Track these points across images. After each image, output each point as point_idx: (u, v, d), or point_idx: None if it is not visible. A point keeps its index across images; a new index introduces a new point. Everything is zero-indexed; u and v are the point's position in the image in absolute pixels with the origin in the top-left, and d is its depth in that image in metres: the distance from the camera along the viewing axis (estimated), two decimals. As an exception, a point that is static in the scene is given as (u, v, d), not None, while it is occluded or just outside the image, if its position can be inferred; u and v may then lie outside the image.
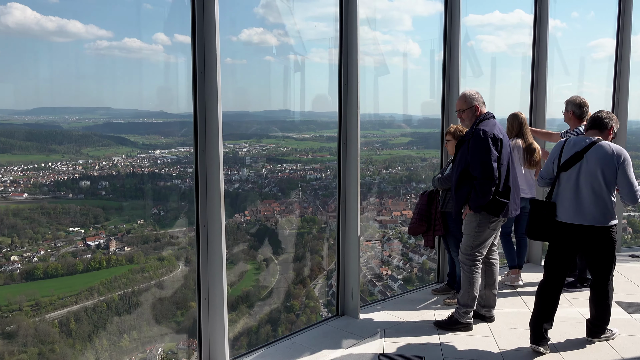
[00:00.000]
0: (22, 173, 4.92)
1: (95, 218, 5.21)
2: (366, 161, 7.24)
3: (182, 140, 5.80)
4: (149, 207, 5.58)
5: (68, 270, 4.81)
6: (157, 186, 5.69)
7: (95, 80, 4.94)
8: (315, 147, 6.96)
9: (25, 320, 4.47)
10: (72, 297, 4.77)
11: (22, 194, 4.83)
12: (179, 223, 5.52)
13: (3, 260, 4.54)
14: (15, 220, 4.75)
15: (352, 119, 4.53)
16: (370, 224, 7.33)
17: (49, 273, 4.72)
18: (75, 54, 4.82)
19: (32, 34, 4.47)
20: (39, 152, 5.07)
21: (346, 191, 4.67)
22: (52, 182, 5.05)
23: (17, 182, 4.84)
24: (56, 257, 4.81)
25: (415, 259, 7.18)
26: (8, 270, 4.55)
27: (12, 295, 4.53)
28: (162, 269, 5.38)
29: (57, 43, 4.63)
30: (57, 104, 5.02)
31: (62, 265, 4.79)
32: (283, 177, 6.75)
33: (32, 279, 4.64)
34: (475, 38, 8.12)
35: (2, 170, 4.85)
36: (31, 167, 4.98)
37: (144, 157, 5.62)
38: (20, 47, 4.58)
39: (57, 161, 5.13)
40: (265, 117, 6.61)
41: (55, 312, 4.62)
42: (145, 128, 5.68)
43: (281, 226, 6.64)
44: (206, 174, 3.57)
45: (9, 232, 4.68)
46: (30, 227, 4.80)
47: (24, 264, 4.63)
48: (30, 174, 4.95)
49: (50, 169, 5.08)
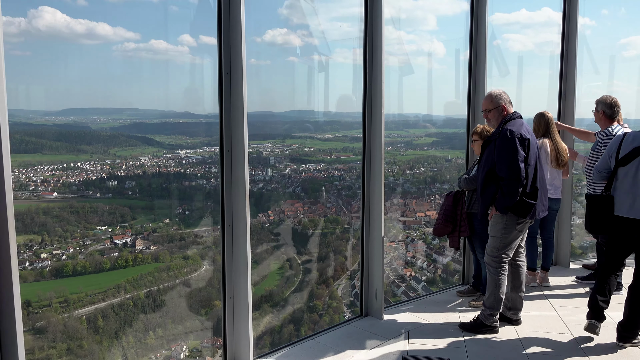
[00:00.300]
0: (52, 172, 5.03)
1: (122, 217, 5.30)
2: (390, 161, 7.20)
3: (206, 141, 5.86)
4: (174, 207, 5.65)
5: (96, 268, 4.90)
6: (182, 186, 5.77)
7: (122, 82, 5.03)
8: (338, 148, 6.96)
9: (55, 317, 4.56)
10: (99, 294, 4.86)
11: (52, 193, 4.94)
12: (204, 222, 5.58)
13: (33, 257, 4.64)
14: (46, 218, 4.86)
15: (377, 119, 4.51)
16: (393, 224, 7.30)
17: (78, 270, 4.81)
18: (103, 55, 4.91)
19: (62, 37, 4.58)
20: (69, 152, 5.18)
21: (370, 191, 4.66)
22: (80, 182, 5.16)
23: (47, 181, 4.95)
24: (84, 255, 4.90)
25: (440, 260, 7.11)
26: (38, 268, 4.65)
27: (42, 291, 4.63)
28: (187, 267, 5.44)
29: (86, 45, 4.73)
30: (86, 105, 5.13)
31: (90, 263, 4.88)
32: (306, 177, 6.76)
33: (61, 276, 4.73)
34: (502, 37, 8.01)
35: (33, 169, 4.97)
36: (61, 166, 5.09)
37: (170, 157, 5.70)
38: (50, 50, 4.69)
39: (86, 161, 5.23)
40: (289, 118, 6.64)
41: (83, 309, 4.71)
42: (171, 128, 5.76)
43: (304, 226, 6.65)
44: (232, 174, 3.61)
45: (40, 230, 4.79)
46: (59, 226, 4.90)
47: (54, 261, 4.73)
48: (59, 174, 5.06)
49: (79, 169, 5.18)
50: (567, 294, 5.45)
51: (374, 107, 4.54)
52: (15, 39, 4.16)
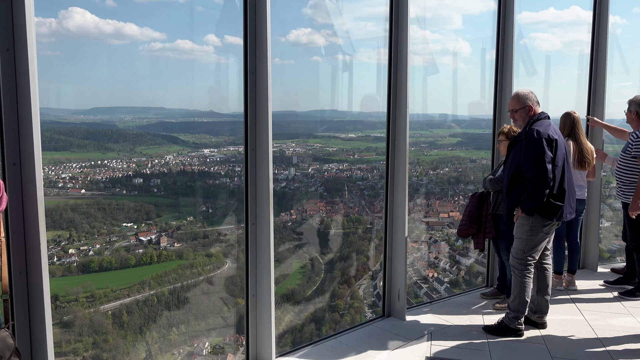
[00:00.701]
0: (80, 170, 5.13)
1: (148, 214, 5.38)
2: (413, 162, 7.16)
3: (230, 140, 5.91)
4: (198, 205, 5.71)
5: (121, 264, 4.98)
6: (206, 184, 5.82)
7: (149, 81, 5.10)
8: (361, 147, 6.95)
9: (81, 311, 4.65)
10: (124, 290, 4.94)
11: (80, 190, 5.03)
12: (227, 221, 5.63)
13: (62, 252, 4.74)
14: (73, 215, 4.96)
15: (401, 119, 4.49)
16: (416, 225, 7.25)
17: (104, 266, 4.90)
18: (130, 55, 4.99)
19: (91, 37, 4.66)
20: (96, 150, 5.28)
21: (394, 191, 4.63)
22: (107, 179, 5.25)
23: (75, 178, 5.05)
24: (110, 251, 4.99)
25: (463, 262, 7.05)
26: (66, 263, 4.75)
27: (70, 286, 4.72)
28: (210, 265, 5.49)
29: (114, 45, 4.81)
30: (113, 104, 5.22)
31: (115, 259, 4.96)
32: (329, 176, 6.76)
33: (88, 272, 4.83)
34: (529, 36, 7.88)
35: (62, 167, 5.08)
36: (88, 164, 5.19)
37: (194, 156, 5.76)
38: (80, 50, 4.79)
39: (113, 159, 5.32)
40: (312, 117, 6.64)
41: (109, 304, 4.79)
42: (196, 127, 5.83)
43: (327, 226, 6.66)
44: (256, 173, 3.63)
45: (67, 226, 4.89)
46: (86, 222, 5.00)
47: (81, 256, 4.82)
48: (87, 171, 5.16)
49: (106, 167, 5.28)
50: (595, 298, 5.34)
51: (399, 106, 4.52)
52: (46, 39, 4.26)
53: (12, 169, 2.47)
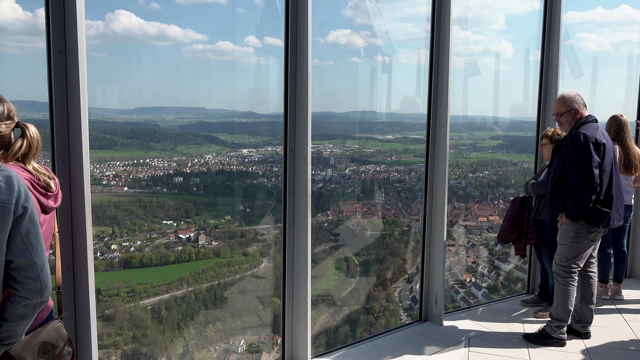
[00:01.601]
0: (123, 168, 5.27)
1: (187, 212, 5.48)
2: (452, 164, 7.05)
3: (268, 140, 5.96)
4: (236, 204, 5.78)
5: (161, 260, 5.08)
6: (244, 184, 5.89)
7: (190, 82, 5.20)
8: (399, 149, 6.89)
9: (122, 305, 4.77)
10: (163, 286, 5.04)
11: (123, 187, 5.17)
12: (265, 220, 5.68)
13: (104, 248, 4.88)
14: (116, 211, 5.10)
15: (442, 121, 4.42)
16: (454, 228, 7.14)
17: (144, 262, 5.01)
18: (173, 57, 5.10)
19: (136, 39, 4.79)
20: (139, 148, 5.41)
21: (433, 194, 4.57)
22: (149, 177, 5.38)
23: (118, 176, 5.20)
24: (150, 248, 5.10)
25: (502, 267, 6.90)
26: (109, 258, 4.89)
27: (112, 281, 4.85)
28: (247, 264, 5.55)
29: (158, 47, 4.93)
30: (156, 104, 5.35)
31: (155, 255, 5.07)
32: (366, 178, 6.73)
33: (129, 267, 4.95)
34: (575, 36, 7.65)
35: (106, 165, 5.24)
36: (131, 162, 5.33)
37: (233, 156, 5.84)
38: (125, 51, 4.92)
39: (154, 158, 5.44)
40: (350, 118, 6.63)
41: (148, 300, 4.90)
42: (235, 128, 5.90)
43: (363, 227, 6.63)
44: (294, 174, 3.64)
45: (110, 222, 5.03)
46: (128, 219, 5.13)
47: (122, 252, 4.95)
48: (130, 169, 5.30)
49: (147, 165, 5.40)
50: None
51: (439, 108, 4.45)
52: (93, 41, 4.40)
53: (61, 167, 2.56)
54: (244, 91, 5.52)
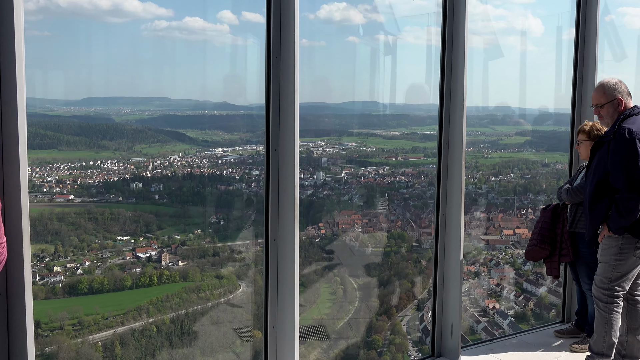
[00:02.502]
0: (68, 172, 5.25)
1: (147, 226, 5.46)
2: (471, 165, 7.11)
3: (247, 137, 5.97)
4: (207, 215, 5.78)
5: (115, 285, 5.06)
6: (218, 190, 5.89)
7: (152, 67, 5.21)
8: (406, 147, 6.93)
9: (67, 341, 4.74)
10: (118, 316, 5.02)
11: (68, 195, 5.15)
12: (242, 235, 5.68)
13: (45, 270, 4.85)
14: (60, 225, 5.07)
15: (457, 114, 4.45)
16: (474, 243, 7.19)
17: (94, 288, 4.99)
18: (131, 36, 5.11)
19: (85, 14, 4.79)
20: (88, 148, 5.39)
21: (447, 202, 4.59)
22: (100, 183, 5.36)
23: (63, 182, 5.17)
24: (102, 270, 5.08)
25: (532, 291, 6.95)
26: (50, 283, 4.85)
27: (54, 311, 4.82)
28: (221, 288, 5.54)
29: (112, 24, 4.93)
30: (110, 94, 5.35)
31: (108, 279, 5.05)
32: (366, 182, 6.76)
33: (76, 294, 4.92)
34: (616, 11, 7.74)
35: (47, 168, 5.21)
36: (79, 165, 5.31)
37: (204, 156, 5.84)
38: (71, 29, 4.91)
39: (107, 159, 5.43)
40: (346, 111, 6.67)
41: (99, 334, 4.87)
42: (207, 122, 5.91)
43: (363, 243, 6.65)
44: (278, 178, 3.64)
45: (53, 239, 5.00)
46: (75, 234, 5.10)
47: (67, 276, 4.92)
48: (77, 173, 5.28)
49: (99, 168, 5.38)
50: (700, 340, 5.18)
51: (454, 98, 4.48)
52: (32, 17, 4.39)
53: (-8, 171, 2.54)
54: (218, 78, 5.53)
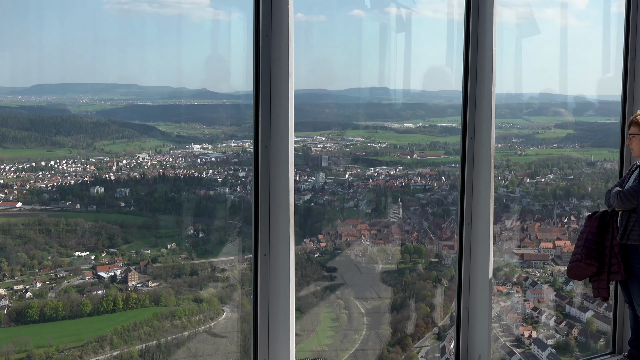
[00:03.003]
0: (15, 174, 5.23)
1: (111, 239, 5.45)
2: (501, 165, 7.12)
3: (231, 132, 5.97)
4: (184, 226, 5.77)
5: (72, 311, 5.05)
6: (196, 196, 5.88)
7: (116, 48, 5.21)
8: (423, 143, 6.93)
9: (12, 380, 4.74)
10: (75, 349, 5.01)
11: (15, 203, 5.13)
12: (226, 250, 5.68)
13: (-14, 294, 4.85)
14: (5, 239, 5.05)
15: (484, 102, 4.47)
16: (505, 259, 7.20)
17: (46, 314, 4.97)
18: (91, 10, 5.11)
19: (35, -17, 4.79)
20: (39, 145, 5.38)
21: (472, 209, 4.61)
22: (54, 188, 5.35)
23: (8, 186, 5.16)
24: (56, 293, 5.07)
25: (576, 316, 6.96)
26: (-7, 308, 4.85)
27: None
28: (200, 314, 5.54)
29: (68, -5, 4.94)
30: (65, 80, 5.34)
31: (64, 304, 5.04)
32: (375, 186, 6.76)
33: (24, 322, 4.91)
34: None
35: (-11, 170, 5.21)
36: (28, 166, 5.29)
37: (179, 155, 5.83)
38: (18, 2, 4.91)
39: (63, 158, 5.41)
40: (351, 99, 6.66)
41: (53, 370, 4.87)
42: (183, 114, 5.90)
43: (371, 258, 6.66)
44: (270, 180, 3.65)
45: (-4, 255, 5.00)
46: (23, 250, 5.08)
47: (14, 300, 4.91)
48: (26, 176, 5.26)
49: (52, 170, 5.37)
50: None
51: (480, 83, 4.50)
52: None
53: None
54: (196, 60, 5.54)
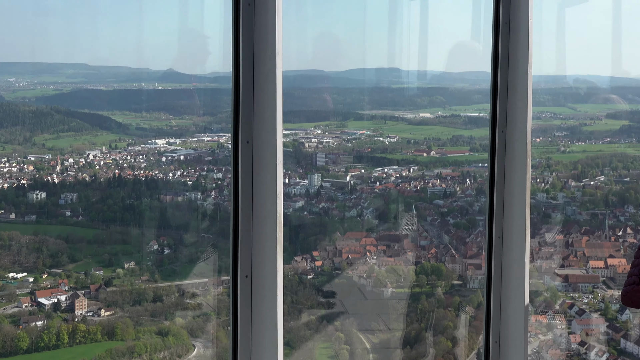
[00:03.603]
0: None
1: (54, 257, 5.46)
2: (540, 164, 7.13)
3: (204, 123, 5.98)
4: (145, 240, 5.78)
5: (4, 347, 5.06)
6: (161, 203, 5.89)
7: (62, 19, 5.22)
8: (443, 137, 6.95)
9: None
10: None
11: None
12: (198, 270, 5.69)
13: None
14: None
15: (518, 86, 4.49)
16: (545, 281, 7.22)
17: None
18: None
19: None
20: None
21: (504, 219, 4.63)
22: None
23: None
24: (-16, 324, 5.09)
25: (634, 352, 6.98)
26: None
27: None
28: (166, 351, 5.55)
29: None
30: (-4, 59, 5.36)
31: (-6, 337, 5.06)
32: (384, 190, 6.78)
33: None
34: None
35: None
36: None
37: (140, 152, 5.84)
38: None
39: (-8, 156, 5.44)
40: (353, 82, 6.67)
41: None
42: (144, 101, 5.92)
43: (379, 280, 6.68)
44: (252, 184, 3.67)
45: None
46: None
47: None
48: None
49: (-20, 170, 5.40)
50: None
51: (513, 63, 4.53)
52: None
53: None
54: (161, 35, 5.55)
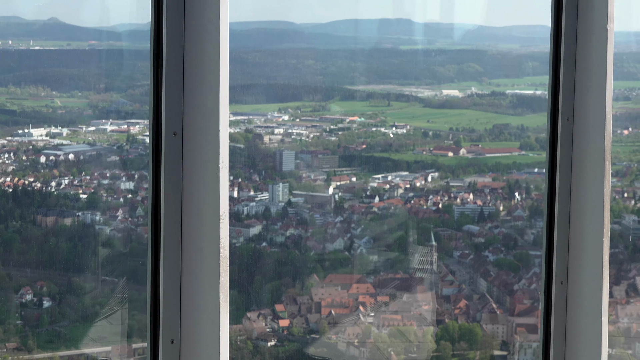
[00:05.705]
0: None
1: None
2: (627, 169, 7.25)
3: (107, 103, 6.06)
4: (14, 286, 5.85)
5: None
6: (39, 227, 5.96)
7: None
8: (480, 127, 7.06)
9: None
10: None
11: None
12: (97, 333, 5.76)
13: None
14: None
15: (593, 49, 4.58)
16: (635, 350, 7.34)
17: None
18: None
19: None
20: None
21: (569, 254, 4.71)
22: None
23: None
24: None
25: None
26: None
27: None
28: None
29: None
30: None
31: None
32: (386, 209, 6.87)
33: None
34: None
35: None
36: None
37: (5, 148, 5.91)
38: None
39: None
40: (339, 41, 6.77)
41: None
42: (13, 68, 5.99)
43: (378, 350, 6.76)
44: (182, 198, 3.72)
45: None
46: None
47: None
48: None
49: None
50: None
51: (584, 13, 4.61)
52: None
53: None
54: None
